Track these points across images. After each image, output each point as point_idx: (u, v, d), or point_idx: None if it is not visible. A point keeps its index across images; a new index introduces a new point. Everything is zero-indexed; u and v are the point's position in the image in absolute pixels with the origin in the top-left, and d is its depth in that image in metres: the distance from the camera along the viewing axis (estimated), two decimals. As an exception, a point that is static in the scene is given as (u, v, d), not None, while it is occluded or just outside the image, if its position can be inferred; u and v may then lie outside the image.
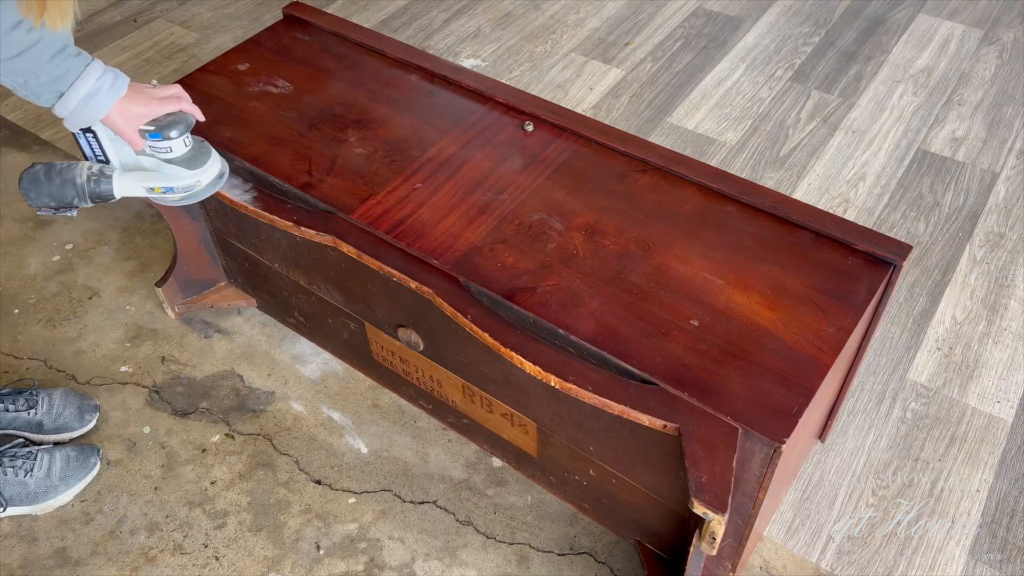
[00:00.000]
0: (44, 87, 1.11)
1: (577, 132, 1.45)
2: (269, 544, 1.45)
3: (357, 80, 1.58)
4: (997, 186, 2.06)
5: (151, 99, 1.20)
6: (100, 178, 1.22)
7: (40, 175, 1.22)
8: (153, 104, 1.19)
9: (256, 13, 2.68)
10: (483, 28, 2.60)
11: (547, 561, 1.42)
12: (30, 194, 1.22)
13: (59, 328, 1.78)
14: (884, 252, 1.24)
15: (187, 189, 1.26)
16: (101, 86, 1.14)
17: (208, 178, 1.27)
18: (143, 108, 1.18)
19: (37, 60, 1.08)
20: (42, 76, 1.10)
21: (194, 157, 1.25)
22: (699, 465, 1.03)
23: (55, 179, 1.22)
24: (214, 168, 1.28)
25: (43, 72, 1.10)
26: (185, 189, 1.26)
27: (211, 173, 1.28)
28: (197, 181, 1.26)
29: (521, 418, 1.38)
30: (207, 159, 1.27)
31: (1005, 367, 1.69)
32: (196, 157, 1.26)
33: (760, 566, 1.41)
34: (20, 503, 1.46)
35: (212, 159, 1.28)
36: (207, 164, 1.26)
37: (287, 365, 1.71)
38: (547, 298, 1.20)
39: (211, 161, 1.27)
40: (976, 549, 1.44)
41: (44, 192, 1.22)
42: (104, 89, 1.14)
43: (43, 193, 1.22)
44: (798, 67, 2.42)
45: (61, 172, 1.22)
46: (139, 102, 1.18)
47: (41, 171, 1.22)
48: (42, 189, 1.22)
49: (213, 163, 1.28)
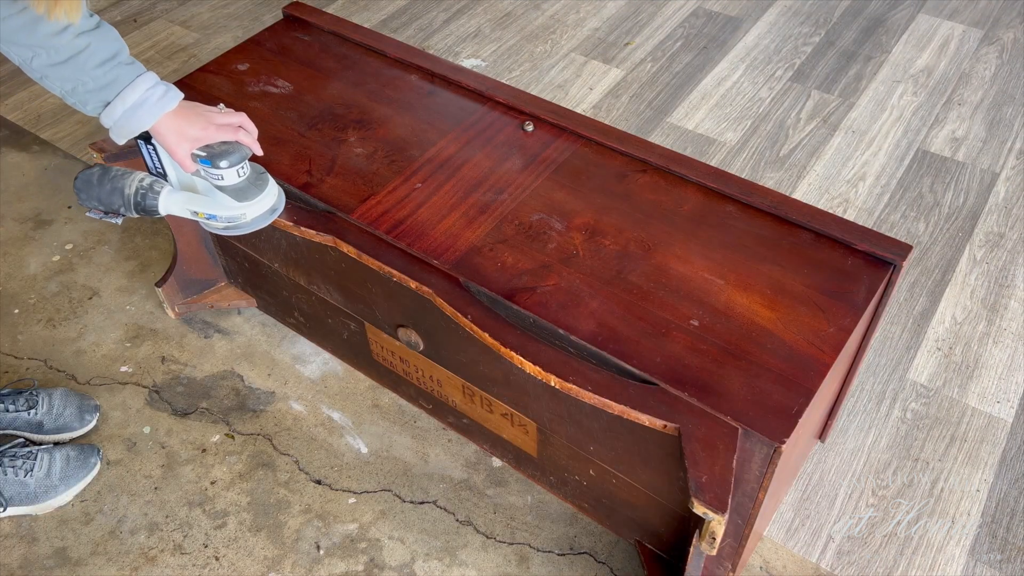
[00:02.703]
0: (91, 95, 1.10)
1: (577, 132, 1.45)
2: (269, 544, 1.45)
3: (357, 80, 1.58)
4: (997, 186, 2.06)
5: (209, 123, 1.16)
6: (148, 192, 1.20)
7: (94, 178, 1.21)
8: (211, 129, 1.16)
9: (256, 13, 2.68)
10: (483, 28, 2.60)
11: (547, 561, 1.42)
12: (81, 195, 1.22)
13: (59, 328, 1.78)
14: (884, 252, 1.24)
15: (231, 220, 1.23)
16: (149, 97, 1.12)
17: (255, 212, 1.23)
18: (199, 131, 1.16)
19: (83, 67, 1.07)
20: (89, 83, 1.09)
21: (246, 189, 1.22)
22: (699, 465, 1.03)
23: (106, 185, 1.20)
24: (265, 202, 1.24)
25: (90, 79, 1.08)
26: (229, 219, 1.23)
27: (260, 207, 1.24)
28: (243, 214, 1.22)
29: (521, 418, 1.38)
30: (259, 193, 1.23)
31: (1005, 367, 1.69)
32: (248, 189, 1.22)
33: (760, 566, 1.41)
34: (20, 503, 1.46)
35: (265, 193, 1.24)
36: (257, 198, 1.22)
37: (287, 365, 1.71)
38: (547, 298, 1.20)
39: (263, 195, 1.23)
40: (976, 549, 1.44)
41: (94, 195, 1.21)
42: (152, 101, 1.12)
43: (92, 196, 1.21)
44: (798, 67, 2.42)
45: (114, 179, 1.20)
46: (197, 125, 1.15)
47: (96, 174, 1.21)
48: (92, 192, 1.21)
49: (266, 197, 1.24)
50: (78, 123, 2.25)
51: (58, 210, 2.03)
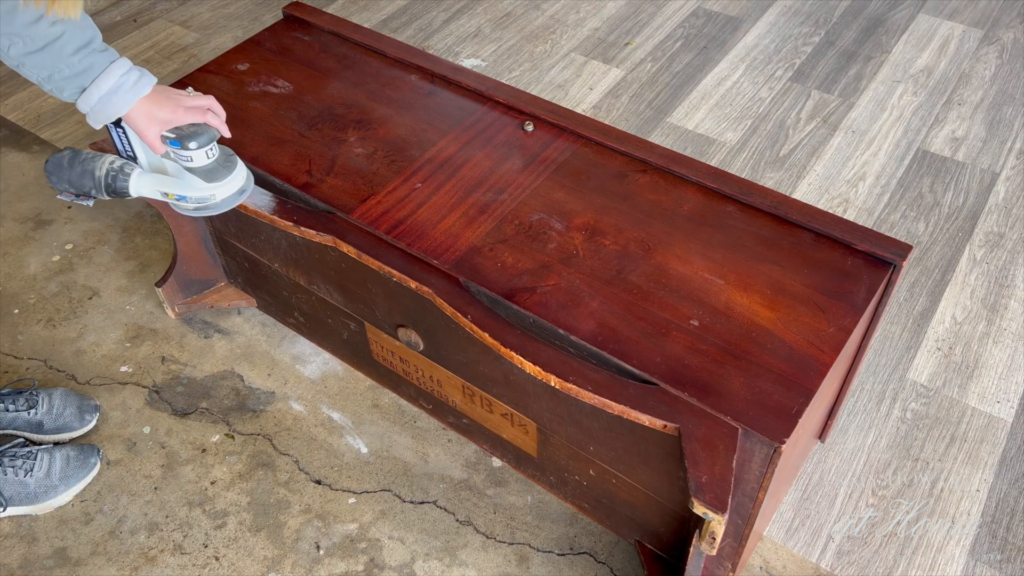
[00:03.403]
0: (67, 81, 1.12)
1: (577, 132, 1.45)
2: (269, 544, 1.45)
3: (357, 80, 1.58)
4: (997, 186, 2.06)
5: (178, 106, 1.19)
6: (119, 174, 1.23)
7: (64, 161, 1.23)
8: (179, 112, 1.18)
9: (256, 13, 2.68)
10: (483, 28, 2.60)
11: (547, 561, 1.42)
12: (52, 177, 1.24)
13: (59, 328, 1.78)
14: (884, 252, 1.24)
15: (201, 201, 1.25)
16: (124, 83, 1.14)
17: (224, 193, 1.26)
18: (169, 114, 1.18)
19: (60, 54, 1.09)
20: (65, 70, 1.10)
21: (215, 170, 1.24)
22: (699, 465, 1.03)
23: (77, 167, 1.23)
24: (234, 184, 1.26)
25: (66, 66, 1.10)
26: (199, 200, 1.25)
27: (229, 188, 1.26)
28: (212, 195, 1.24)
29: (521, 418, 1.38)
30: (228, 173, 1.25)
31: (1005, 367, 1.69)
32: (217, 170, 1.24)
33: (760, 566, 1.41)
34: (20, 503, 1.46)
35: (234, 175, 1.26)
36: (227, 179, 1.25)
37: (287, 365, 1.71)
38: (547, 298, 1.20)
39: (232, 176, 1.25)
40: (976, 549, 1.44)
41: (64, 178, 1.23)
42: (127, 86, 1.14)
43: (63, 178, 1.24)
44: (798, 67, 2.42)
45: (84, 161, 1.23)
46: (166, 107, 1.17)
47: (66, 157, 1.24)
48: (63, 174, 1.23)
49: (235, 178, 1.26)
50: (78, 123, 2.25)
51: (58, 210, 2.03)
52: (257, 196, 1.39)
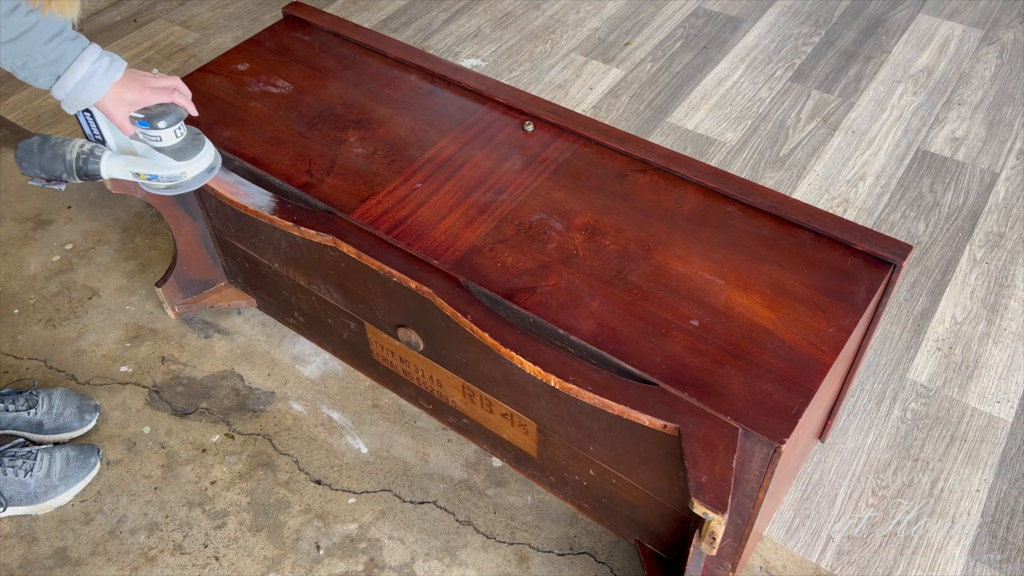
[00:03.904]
0: (42, 69, 1.14)
1: (577, 132, 1.45)
2: (269, 544, 1.45)
3: (357, 80, 1.58)
4: (997, 186, 2.06)
5: (145, 87, 1.21)
6: (89, 157, 1.25)
7: (34, 147, 1.25)
8: (147, 92, 1.21)
9: (256, 13, 2.68)
10: (483, 28, 2.60)
11: (547, 561, 1.42)
12: (23, 163, 1.26)
13: (59, 328, 1.78)
14: (884, 252, 1.24)
15: (172, 179, 1.28)
16: (97, 69, 1.16)
17: (195, 171, 1.29)
18: (136, 95, 1.20)
19: (34, 43, 1.11)
20: (39, 59, 1.12)
21: (184, 149, 1.27)
22: (699, 465, 1.03)
23: (47, 152, 1.25)
24: (203, 162, 1.29)
25: (40, 55, 1.12)
26: (170, 179, 1.28)
27: (199, 166, 1.29)
28: (183, 172, 1.27)
29: (521, 418, 1.38)
30: (197, 152, 1.28)
31: (1005, 367, 1.69)
32: (186, 149, 1.27)
33: (760, 566, 1.41)
34: (20, 503, 1.46)
35: (202, 153, 1.29)
36: (196, 157, 1.28)
37: (287, 365, 1.71)
38: (547, 298, 1.20)
39: (201, 154, 1.29)
40: (976, 549, 1.44)
41: (35, 163, 1.25)
42: (100, 72, 1.16)
43: (34, 164, 1.26)
44: (798, 67, 2.42)
45: (54, 146, 1.25)
46: (133, 89, 1.20)
47: (36, 143, 1.26)
48: (34, 160, 1.25)
49: (203, 156, 1.29)
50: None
51: (58, 210, 2.03)
52: (257, 196, 1.39)
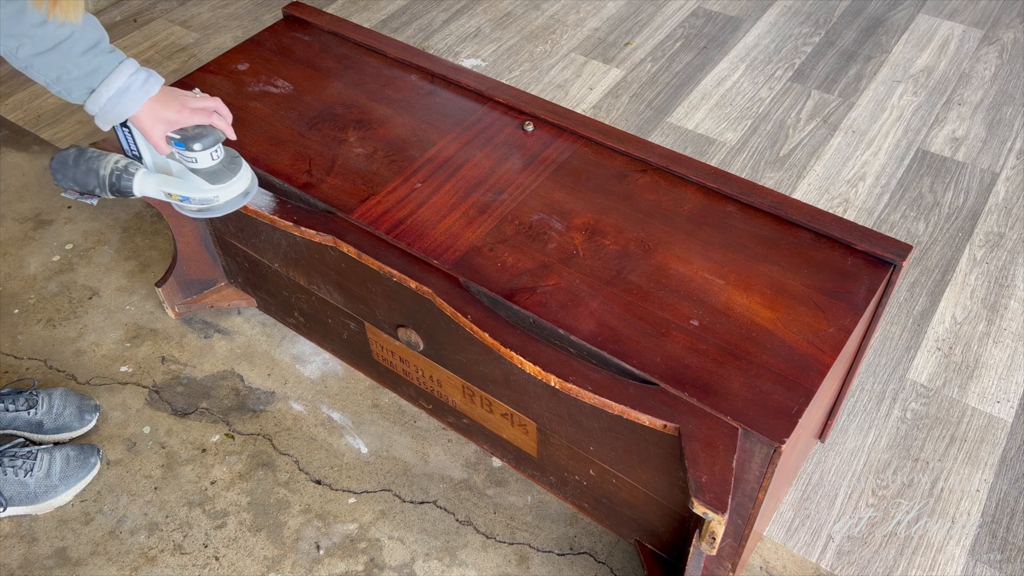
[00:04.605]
0: (76, 82, 1.11)
1: (577, 132, 1.45)
2: (269, 544, 1.45)
3: (357, 80, 1.58)
4: (997, 186, 2.06)
5: (184, 107, 1.18)
6: (123, 174, 1.23)
7: (70, 159, 1.24)
8: (185, 112, 1.18)
9: (256, 13, 2.68)
10: (483, 28, 2.60)
11: (547, 561, 1.42)
12: (56, 175, 1.24)
13: (59, 328, 1.78)
14: (884, 252, 1.24)
15: (204, 202, 1.25)
16: (132, 83, 1.13)
17: (228, 195, 1.25)
18: (174, 114, 1.17)
19: (68, 54, 1.09)
20: (74, 71, 1.10)
21: (219, 172, 1.24)
22: (699, 465, 1.03)
23: (82, 165, 1.23)
24: (238, 186, 1.26)
25: (75, 67, 1.10)
26: (202, 202, 1.24)
27: (233, 191, 1.26)
28: (216, 196, 1.24)
29: (521, 418, 1.38)
30: (232, 176, 1.25)
31: (1005, 367, 1.69)
32: (221, 172, 1.24)
33: (760, 566, 1.41)
34: (20, 503, 1.46)
35: (238, 177, 1.25)
36: (230, 181, 1.24)
37: (287, 365, 1.71)
38: (547, 298, 1.20)
39: (236, 179, 1.25)
40: (976, 549, 1.44)
41: (69, 176, 1.24)
42: (135, 87, 1.14)
43: (68, 176, 1.24)
44: (798, 67, 2.42)
45: (89, 160, 1.24)
46: (171, 108, 1.17)
47: (72, 155, 1.24)
48: (68, 172, 1.24)
49: (239, 181, 1.26)
50: (78, 123, 2.25)
51: (58, 210, 2.03)
52: (257, 196, 1.39)
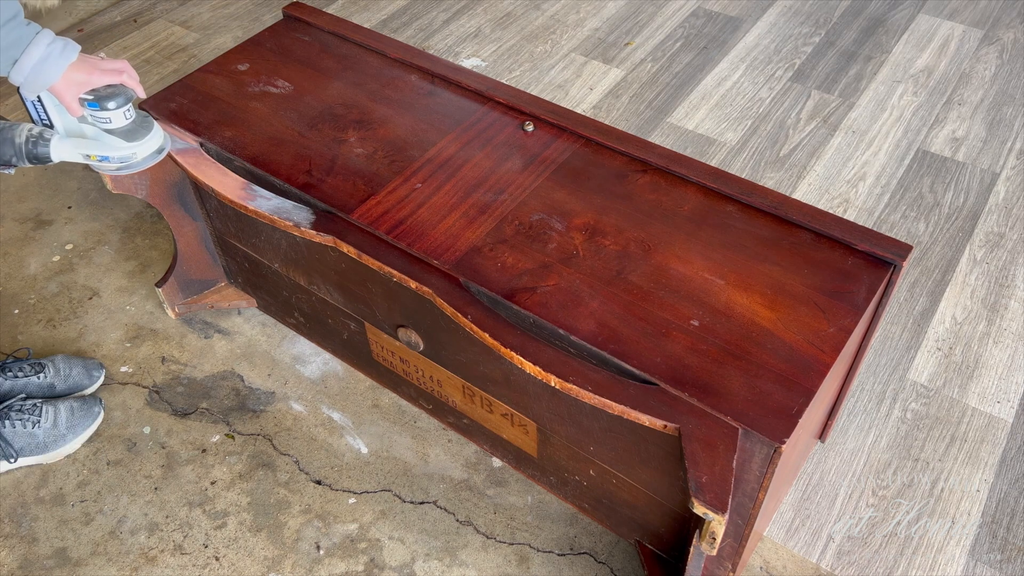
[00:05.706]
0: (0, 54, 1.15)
1: (577, 132, 1.45)
2: (269, 544, 1.45)
3: (357, 80, 1.58)
4: (997, 186, 2.06)
5: (94, 69, 1.23)
6: (39, 140, 1.26)
7: None
8: (96, 74, 1.22)
9: (256, 13, 2.68)
10: (483, 28, 2.60)
11: (547, 561, 1.42)
12: None
13: (59, 328, 1.78)
14: (884, 252, 1.24)
15: (122, 160, 1.29)
16: (52, 51, 1.17)
17: (145, 152, 1.31)
18: (85, 76, 1.21)
19: None
20: None
21: (134, 130, 1.29)
22: (699, 465, 1.03)
23: None
24: (153, 143, 1.31)
25: None
26: (120, 160, 1.29)
27: (149, 147, 1.31)
28: (133, 153, 1.29)
29: (521, 418, 1.38)
30: (147, 133, 1.30)
31: (1005, 367, 1.69)
32: (136, 130, 1.29)
33: (760, 566, 1.41)
34: (31, 453, 1.51)
35: (152, 134, 1.31)
36: (146, 138, 1.30)
37: (287, 365, 1.71)
38: (547, 298, 1.20)
39: (151, 136, 1.31)
40: (976, 549, 1.44)
41: None
42: (55, 54, 1.18)
43: None
44: (798, 67, 2.42)
45: (2, 131, 1.26)
46: (82, 70, 1.21)
47: None
48: None
49: (153, 138, 1.31)
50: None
51: (58, 210, 2.03)
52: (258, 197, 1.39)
